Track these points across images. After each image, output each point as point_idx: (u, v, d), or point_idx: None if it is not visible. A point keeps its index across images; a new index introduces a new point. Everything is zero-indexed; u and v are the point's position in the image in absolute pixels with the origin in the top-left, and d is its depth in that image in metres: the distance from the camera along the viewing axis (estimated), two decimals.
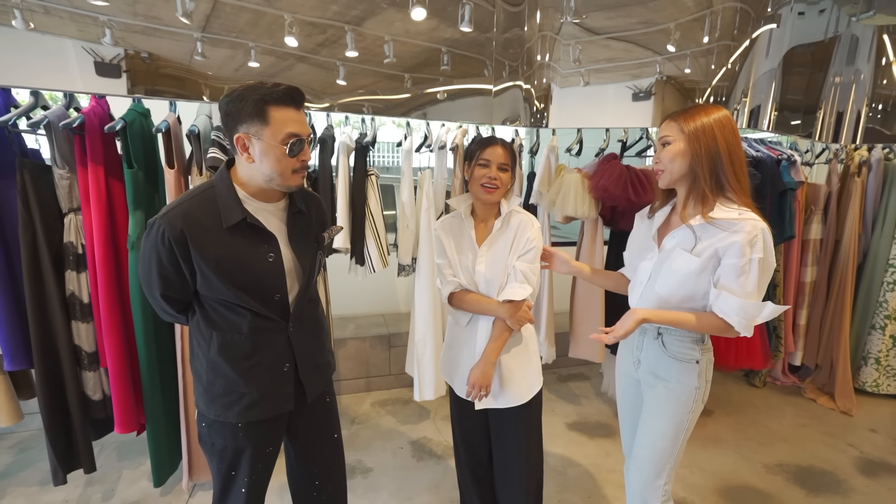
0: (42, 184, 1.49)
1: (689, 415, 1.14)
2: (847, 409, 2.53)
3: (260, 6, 1.68)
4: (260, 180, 0.98)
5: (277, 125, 0.92)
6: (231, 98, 0.92)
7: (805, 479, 2.00)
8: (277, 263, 1.02)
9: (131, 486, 1.84)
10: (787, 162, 2.40)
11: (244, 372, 1.03)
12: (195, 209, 0.95)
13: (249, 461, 1.08)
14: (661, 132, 1.11)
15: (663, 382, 1.15)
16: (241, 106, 0.91)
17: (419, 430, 2.30)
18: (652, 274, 1.14)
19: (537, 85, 2.16)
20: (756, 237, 1.00)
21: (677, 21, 2.06)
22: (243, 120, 0.92)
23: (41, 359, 1.53)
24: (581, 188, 2.12)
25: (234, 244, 0.96)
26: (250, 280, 0.99)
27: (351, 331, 2.72)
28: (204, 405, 1.06)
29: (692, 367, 1.13)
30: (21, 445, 2.08)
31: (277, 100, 0.92)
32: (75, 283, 1.56)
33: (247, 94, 0.91)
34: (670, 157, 1.07)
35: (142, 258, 0.98)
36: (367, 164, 1.96)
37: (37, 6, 1.44)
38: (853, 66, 2.49)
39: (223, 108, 0.94)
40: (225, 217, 0.95)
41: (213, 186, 0.98)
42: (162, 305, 1.02)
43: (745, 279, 1.01)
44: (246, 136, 0.92)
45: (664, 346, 1.15)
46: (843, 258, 2.63)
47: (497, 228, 1.31)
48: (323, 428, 1.23)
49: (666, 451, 1.15)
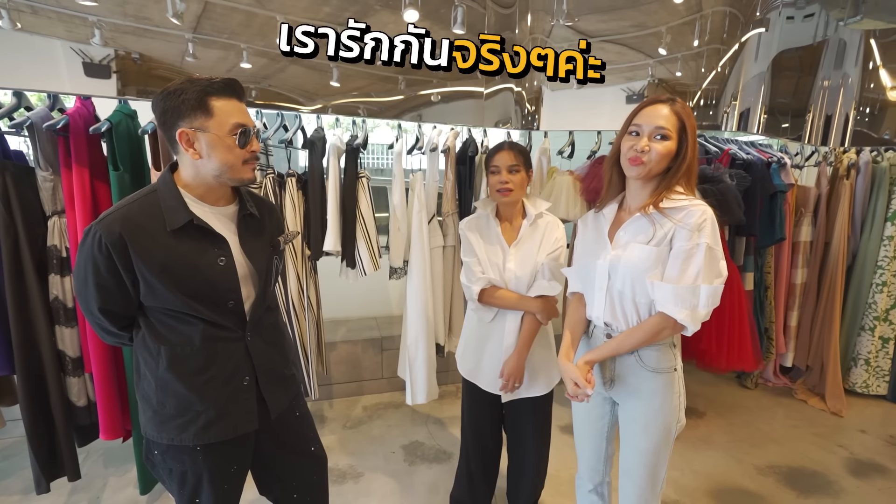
0: (25, 186, 1.46)
1: (676, 423, 1.12)
2: (837, 410, 2.55)
3: (251, 7, 1.66)
4: (208, 177, 0.93)
5: (223, 116, 0.89)
6: (168, 93, 0.87)
7: (796, 481, 2.00)
8: (229, 268, 0.96)
9: (117, 493, 1.81)
10: (776, 165, 2.42)
11: (198, 388, 0.95)
12: (136, 213, 0.89)
13: (212, 485, 1.00)
14: (656, 118, 0.99)
15: (646, 402, 1.09)
16: (180, 100, 0.87)
17: (411, 435, 2.28)
18: (610, 272, 1.08)
19: (528, 87, 2.17)
20: (704, 222, 0.98)
21: (668, 24, 2.07)
22: (185, 115, 0.87)
23: (24, 364, 1.49)
24: (573, 191, 2.12)
25: (181, 248, 0.91)
26: (200, 286, 0.93)
27: (342, 334, 2.70)
28: (154, 430, 0.97)
29: (672, 377, 1.08)
30: (4, 453, 2.04)
31: (219, 91, 0.89)
32: (59, 287, 1.53)
33: (186, 88, 0.87)
34: (662, 155, 0.99)
35: (77, 270, 0.90)
36: (357, 166, 1.95)
37: (24, 6, 1.42)
38: (841, 70, 2.52)
39: (159, 106, 0.88)
40: (169, 220, 0.90)
41: (156, 190, 0.93)
42: (101, 322, 0.94)
43: (688, 264, 0.98)
44: (190, 130, 0.88)
45: (641, 359, 1.08)
46: (832, 260, 2.65)
47: (526, 228, 1.38)
48: (297, 443, 1.17)
49: (659, 464, 1.13)
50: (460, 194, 2.13)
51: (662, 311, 1.01)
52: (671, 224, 1.00)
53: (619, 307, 1.09)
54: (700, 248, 0.97)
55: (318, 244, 1.93)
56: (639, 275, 1.03)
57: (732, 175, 2.12)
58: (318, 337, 2.10)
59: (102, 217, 0.88)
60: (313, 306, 2.04)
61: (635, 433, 1.13)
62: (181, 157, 0.93)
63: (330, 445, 2.17)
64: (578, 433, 1.30)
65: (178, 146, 0.90)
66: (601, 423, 1.24)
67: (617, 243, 1.08)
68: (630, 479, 1.17)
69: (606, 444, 1.26)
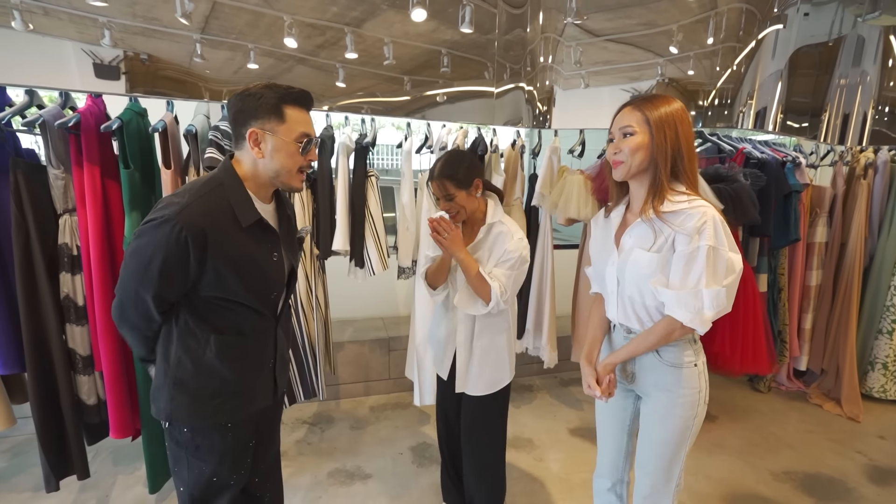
0: (36, 184, 1.46)
1: (694, 419, 1.11)
2: (854, 415, 2.49)
3: (259, 7, 1.66)
4: (264, 177, 0.99)
5: (292, 123, 0.96)
6: (246, 94, 0.95)
7: (813, 487, 1.96)
8: (280, 263, 1.05)
9: (126, 492, 1.81)
10: (791, 164, 2.37)
11: (240, 371, 1.04)
12: (213, 208, 0.93)
13: (235, 460, 1.09)
14: (621, 120, 1.04)
15: (667, 393, 1.10)
16: (258, 102, 0.94)
17: (419, 436, 2.26)
18: (619, 279, 1.10)
19: (540, 87, 2.15)
20: (705, 224, 0.96)
21: (679, 22, 2.04)
22: (259, 116, 0.94)
23: (34, 363, 1.50)
24: (584, 190, 2.09)
25: (249, 243, 0.98)
26: (258, 279, 1.01)
27: (350, 334, 2.69)
28: (187, 413, 1.01)
29: (692, 371, 1.09)
30: (14, 450, 2.05)
31: (294, 100, 0.96)
32: (70, 286, 1.54)
33: (264, 92, 0.94)
34: (632, 149, 1.01)
35: (137, 256, 0.91)
36: (366, 165, 1.94)
37: (36, 7, 1.43)
38: (859, 68, 2.47)
39: (235, 104, 0.95)
40: (241, 216, 0.96)
41: (222, 184, 0.96)
42: (148, 308, 0.95)
43: (689, 268, 0.97)
44: (260, 130, 0.94)
45: (659, 354, 1.10)
46: (849, 261, 2.59)
47: (480, 238, 1.38)
48: (275, 425, 1.28)
49: (674, 458, 1.13)
50: None
51: (669, 315, 1.02)
52: (667, 233, 1.00)
53: (630, 310, 1.11)
54: (700, 252, 0.96)
55: (327, 243, 1.92)
56: (644, 280, 1.04)
57: (747, 174, 2.08)
58: (325, 336, 2.09)
59: (180, 209, 0.89)
60: (321, 306, 2.03)
61: (653, 423, 1.14)
62: (243, 154, 0.99)
63: (337, 446, 2.16)
64: (600, 426, 1.31)
65: (244, 143, 0.97)
66: (623, 416, 1.24)
67: (622, 249, 1.09)
68: (644, 471, 1.17)
69: (628, 439, 1.26)
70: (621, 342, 1.17)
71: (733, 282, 0.98)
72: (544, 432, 2.32)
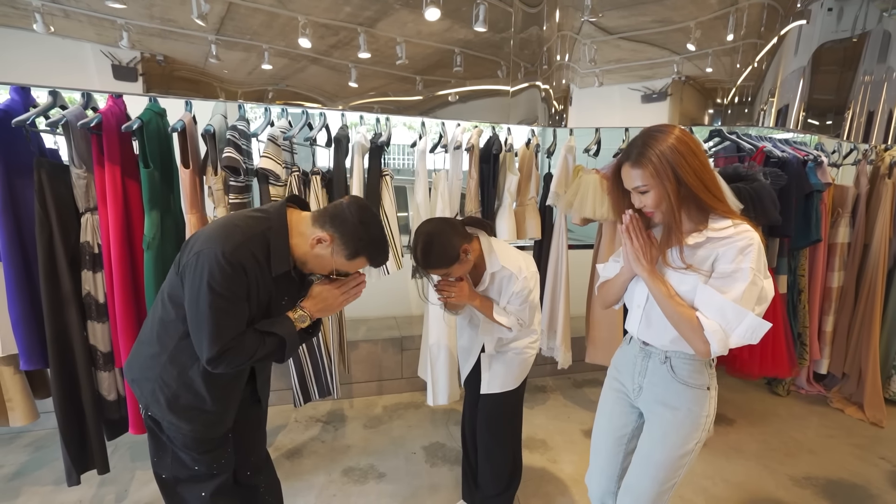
0: (59, 183, 1.49)
1: (696, 444, 1.07)
2: (877, 420, 2.43)
3: (274, 8, 1.67)
4: (301, 256, 1.04)
5: (353, 264, 1.05)
6: (358, 221, 1.00)
7: (835, 494, 1.91)
8: (287, 307, 1.09)
9: (144, 487, 1.84)
10: (813, 163, 2.32)
11: (217, 395, 1.07)
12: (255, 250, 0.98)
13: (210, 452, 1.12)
14: (630, 181, 1.01)
15: (672, 411, 1.06)
16: (353, 231, 0.99)
17: (432, 436, 2.26)
18: (648, 295, 1.07)
19: (556, 85, 2.12)
20: (749, 247, 0.95)
21: (697, 19, 2.00)
22: (345, 237, 1.00)
23: (56, 358, 1.52)
24: (599, 189, 2.07)
25: (272, 289, 1.04)
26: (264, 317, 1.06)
27: (363, 333, 2.69)
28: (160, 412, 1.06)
29: (704, 395, 1.05)
30: (36, 444, 2.09)
31: (370, 258, 1.05)
32: (91, 283, 1.56)
33: (364, 233, 1.01)
34: (655, 203, 1.00)
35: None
36: (381, 164, 1.94)
37: (57, 10, 1.45)
38: (885, 64, 2.40)
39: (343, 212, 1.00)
40: (275, 265, 1.00)
41: (270, 228, 1.00)
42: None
43: (731, 286, 0.95)
44: (332, 238, 1.00)
45: (673, 370, 1.07)
46: (872, 263, 2.53)
47: (486, 285, 1.41)
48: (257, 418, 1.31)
49: (668, 481, 1.09)
50: (483, 193, 2.10)
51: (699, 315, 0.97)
52: (708, 254, 0.98)
53: (654, 325, 1.09)
54: (744, 273, 0.94)
55: None
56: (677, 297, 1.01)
57: (767, 174, 2.04)
58: (340, 335, 2.09)
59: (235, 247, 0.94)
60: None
61: (652, 442, 1.10)
62: (306, 231, 1.02)
63: (351, 445, 2.17)
64: (596, 435, 1.26)
65: (315, 231, 1.01)
66: (623, 431, 1.20)
67: (659, 265, 1.06)
68: (631, 494, 1.12)
69: (623, 457, 1.21)
70: (636, 354, 1.16)
71: (762, 312, 0.96)
72: (558, 433, 2.31)
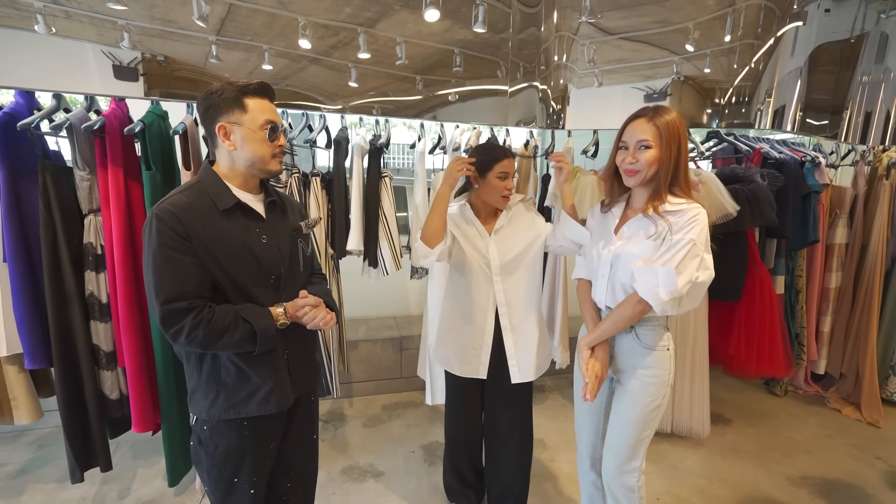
0: (63, 185, 1.51)
1: (663, 398, 1.22)
2: (874, 421, 2.44)
3: (274, 9, 1.68)
4: (242, 167, 1.05)
5: (255, 113, 1.01)
6: (210, 93, 1.01)
7: (831, 493, 1.92)
8: (272, 244, 1.07)
9: (146, 484, 1.86)
10: (810, 164, 2.32)
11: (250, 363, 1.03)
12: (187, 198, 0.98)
13: (254, 460, 1.08)
14: (637, 132, 1.13)
15: (641, 372, 1.21)
16: (220, 98, 0.99)
17: (430, 435, 2.28)
18: (612, 263, 1.21)
19: (554, 86, 2.13)
20: (695, 219, 1.09)
21: (696, 20, 2.01)
22: (224, 111, 1.00)
23: (60, 358, 1.54)
24: (598, 190, 2.08)
25: (229, 226, 1.01)
26: (249, 260, 1.02)
27: (362, 333, 2.71)
28: (205, 408, 1.04)
29: (665, 355, 1.21)
30: (40, 442, 2.12)
31: (254, 92, 1.02)
32: (94, 284, 1.58)
33: (225, 88, 1.00)
34: (649, 162, 1.12)
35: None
36: (381, 165, 1.95)
37: (58, 11, 1.47)
38: (882, 65, 2.40)
39: (203, 104, 1.01)
40: (219, 201, 1.01)
41: (200, 181, 1.03)
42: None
43: (671, 255, 1.09)
44: (227, 124, 1.00)
45: (638, 338, 1.21)
46: (869, 263, 2.54)
47: (504, 219, 1.48)
48: (306, 426, 1.23)
49: (643, 432, 1.22)
50: None
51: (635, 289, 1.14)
52: (664, 226, 1.12)
53: (620, 293, 1.21)
54: (682, 242, 1.08)
55: (341, 243, 1.94)
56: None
57: (764, 175, 2.05)
58: (339, 335, 2.11)
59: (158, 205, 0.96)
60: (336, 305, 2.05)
61: (625, 402, 1.24)
62: (219, 150, 1.04)
63: (350, 443, 2.19)
64: (579, 411, 1.41)
65: (217, 139, 1.02)
66: (599, 399, 1.33)
67: (621, 236, 1.21)
68: (612, 450, 1.27)
69: (604, 421, 1.34)
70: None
71: (707, 279, 1.10)
72: (556, 433, 2.32)
